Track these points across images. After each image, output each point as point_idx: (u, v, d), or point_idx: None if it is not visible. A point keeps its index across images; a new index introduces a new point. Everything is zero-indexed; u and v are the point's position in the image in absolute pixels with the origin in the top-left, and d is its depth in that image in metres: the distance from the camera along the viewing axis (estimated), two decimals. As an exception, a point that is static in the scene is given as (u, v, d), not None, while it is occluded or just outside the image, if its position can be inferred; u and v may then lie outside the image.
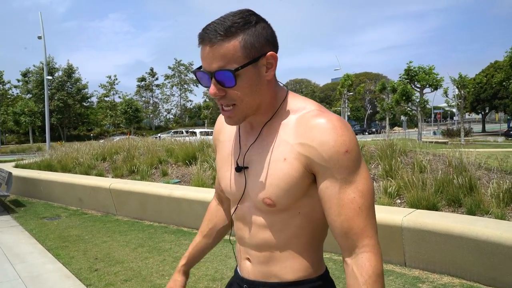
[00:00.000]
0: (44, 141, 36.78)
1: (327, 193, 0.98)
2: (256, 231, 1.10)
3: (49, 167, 10.41)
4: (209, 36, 0.95)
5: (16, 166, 11.39)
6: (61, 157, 10.92)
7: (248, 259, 1.15)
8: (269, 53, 0.98)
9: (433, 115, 56.21)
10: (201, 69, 1.00)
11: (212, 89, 0.98)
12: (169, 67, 64.86)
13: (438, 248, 3.85)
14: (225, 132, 1.21)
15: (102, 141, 14.25)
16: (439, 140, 23.05)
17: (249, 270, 1.15)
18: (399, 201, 5.17)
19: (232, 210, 1.18)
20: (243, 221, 1.14)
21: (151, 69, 66.28)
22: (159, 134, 30.75)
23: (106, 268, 4.40)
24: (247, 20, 0.96)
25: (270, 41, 1.00)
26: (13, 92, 56.36)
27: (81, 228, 6.34)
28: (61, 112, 52.90)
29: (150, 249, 5.05)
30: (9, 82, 55.56)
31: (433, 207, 4.57)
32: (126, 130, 50.40)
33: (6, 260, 4.81)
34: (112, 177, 8.58)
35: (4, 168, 9.86)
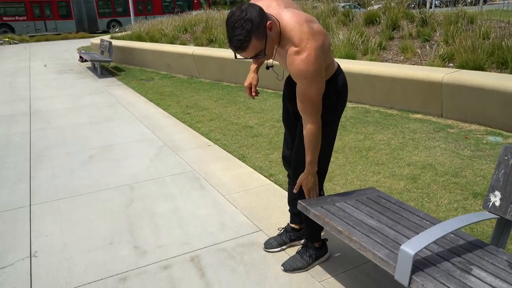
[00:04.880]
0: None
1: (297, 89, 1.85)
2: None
3: (139, 38, 11.74)
4: (235, 47, 1.68)
5: (112, 38, 12.91)
6: (148, 29, 12.14)
7: None
8: (267, 24, 1.67)
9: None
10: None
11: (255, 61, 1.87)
12: None
13: (471, 101, 4.42)
14: None
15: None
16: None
17: None
18: (452, 65, 5.57)
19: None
20: None
21: None
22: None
23: (195, 112, 5.66)
24: (248, 30, 1.63)
25: (262, 19, 1.65)
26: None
27: (172, 86, 7.67)
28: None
29: (228, 101, 6.20)
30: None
31: (480, 68, 4.98)
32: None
33: (121, 106, 6.28)
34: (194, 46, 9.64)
35: (104, 38, 11.34)
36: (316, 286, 2.05)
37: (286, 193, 3.11)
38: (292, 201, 2.31)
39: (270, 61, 1.98)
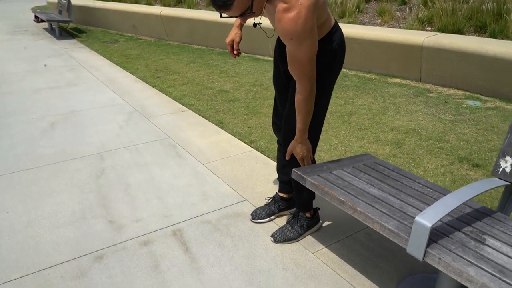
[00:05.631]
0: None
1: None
2: None
3: (100, -3, 10.93)
4: (218, 6, 1.51)
5: (70, -3, 11.98)
6: (109, -13, 11.31)
7: None
8: None
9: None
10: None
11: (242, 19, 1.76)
12: None
13: (450, 65, 4.36)
14: None
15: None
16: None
17: None
18: (430, 28, 5.48)
19: None
20: None
21: None
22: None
23: (166, 76, 5.33)
24: None
25: None
26: None
27: (138, 49, 7.21)
28: None
29: (200, 64, 5.89)
30: None
31: (458, 32, 4.91)
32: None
33: (84, 69, 5.84)
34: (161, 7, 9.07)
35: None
36: (309, 257, 1.94)
37: (269, 160, 2.96)
38: (282, 169, 2.16)
39: (258, 18, 1.77)
